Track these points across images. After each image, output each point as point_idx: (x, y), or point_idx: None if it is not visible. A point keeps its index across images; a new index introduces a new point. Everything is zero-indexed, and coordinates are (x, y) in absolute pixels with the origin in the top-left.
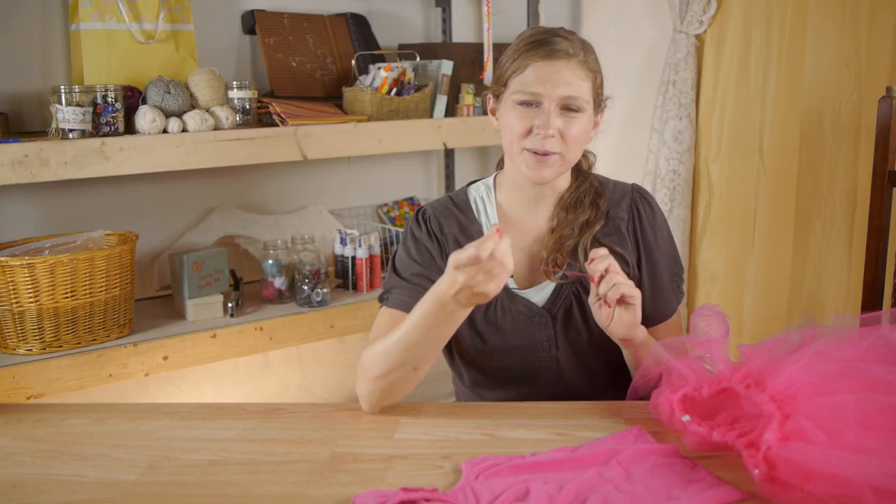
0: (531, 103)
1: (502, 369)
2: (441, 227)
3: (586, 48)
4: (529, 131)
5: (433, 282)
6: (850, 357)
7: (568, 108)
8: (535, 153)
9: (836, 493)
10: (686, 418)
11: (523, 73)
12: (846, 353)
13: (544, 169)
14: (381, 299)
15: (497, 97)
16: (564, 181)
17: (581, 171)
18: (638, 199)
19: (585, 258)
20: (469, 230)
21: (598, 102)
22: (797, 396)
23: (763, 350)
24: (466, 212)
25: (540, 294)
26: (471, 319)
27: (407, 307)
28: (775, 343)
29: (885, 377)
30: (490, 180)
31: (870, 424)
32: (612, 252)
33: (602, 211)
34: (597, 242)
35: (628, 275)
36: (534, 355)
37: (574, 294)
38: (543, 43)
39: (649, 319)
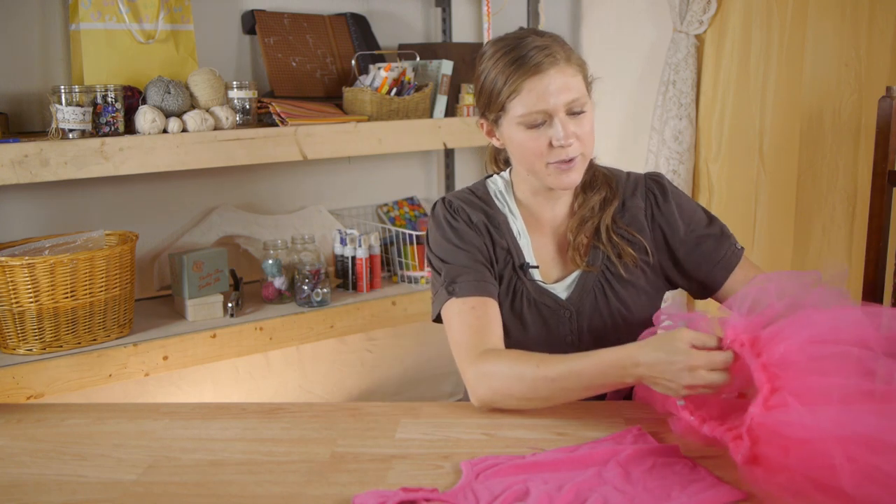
0: (540, 122)
1: None
2: (469, 216)
3: (559, 41)
4: (548, 147)
5: (486, 266)
6: (846, 340)
7: (573, 110)
8: (560, 164)
9: (813, 465)
10: (681, 402)
11: (520, 96)
12: (842, 335)
13: (571, 174)
14: (449, 291)
15: (494, 121)
16: None
17: None
18: (652, 184)
19: (608, 236)
20: (496, 220)
21: (589, 87)
22: (788, 371)
23: (749, 297)
24: (489, 203)
25: (565, 288)
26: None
27: (482, 291)
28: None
29: (876, 367)
30: (507, 175)
31: (850, 402)
32: (630, 240)
33: (615, 190)
34: (618, 230)
35: (647, 263)
36: (557, 349)
37: (598, 287)
38: (525, 59)
39: (721, 272)
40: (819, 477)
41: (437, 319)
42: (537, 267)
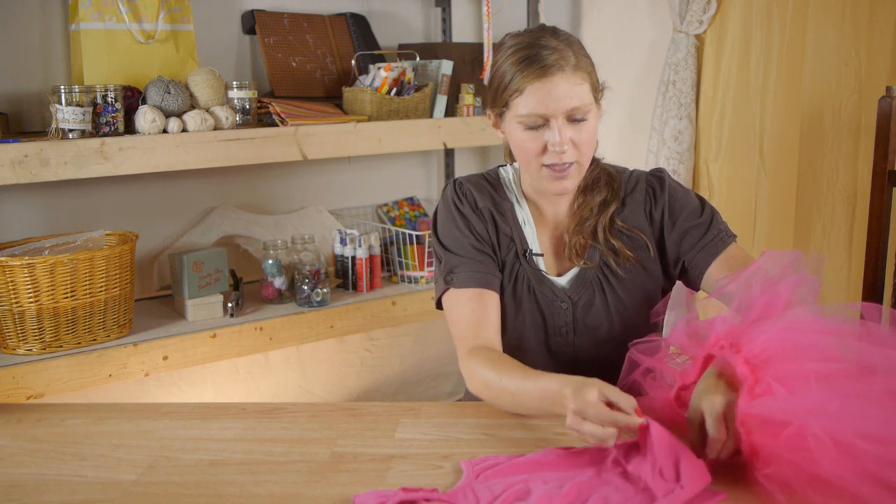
0: (538, 124)
1: (517, 349)
2: (475, 201)
3: (573, 46)
4: (544, 149)
5: (488, 254)
6: (825, 329)
7: (574, 117)
8: (554, 168)
9: (797, 447)
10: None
11: (522, 96)
12: (821, 324)
13: (565, 181)
14: (447, 281)
15: (499, 115)
16: None
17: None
18: (652, 180)
19: (605, 238)
20: (501, 206)
21: (598, 95)
22: (770, 361)
23: (733, 286)
24: (498, 189)
25: (565, 280)
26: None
27: (478, 282)
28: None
29: (846, 351)
30: (517, 166)
31: (831, 385)
32: (630, 236)
33: (616, 192)
34: (616, 229)
35: (646, 260)
36: (551, 339)
37: (596, 282)
38: (533, 60)
39: (703, 257)
40: (803, 462)
41: (440, 306)
42: (542, 255)
